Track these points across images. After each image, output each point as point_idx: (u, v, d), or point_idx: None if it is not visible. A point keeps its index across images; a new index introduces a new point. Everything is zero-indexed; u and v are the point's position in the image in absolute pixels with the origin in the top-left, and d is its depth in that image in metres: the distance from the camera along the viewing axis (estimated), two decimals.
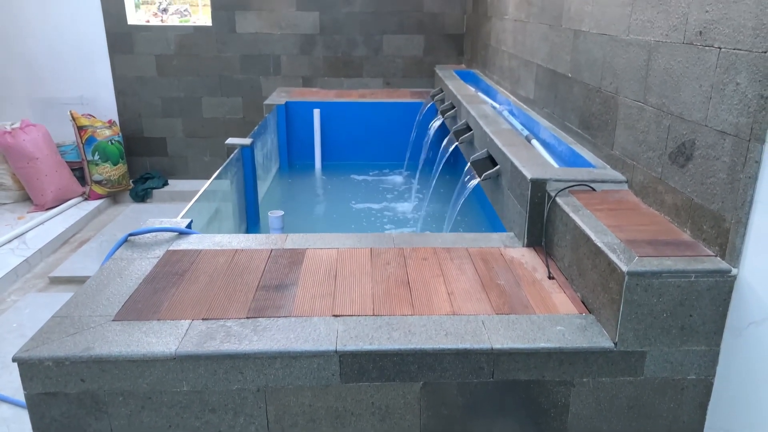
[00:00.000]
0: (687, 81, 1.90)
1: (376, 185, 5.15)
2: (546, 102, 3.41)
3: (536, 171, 2.43)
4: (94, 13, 5.74)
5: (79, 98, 6.00)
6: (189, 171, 6.36)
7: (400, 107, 5.61)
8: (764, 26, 1.53)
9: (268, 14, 5.84)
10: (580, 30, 2.84)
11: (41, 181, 5.46)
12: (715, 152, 1.75)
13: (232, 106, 6.13)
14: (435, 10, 5.94)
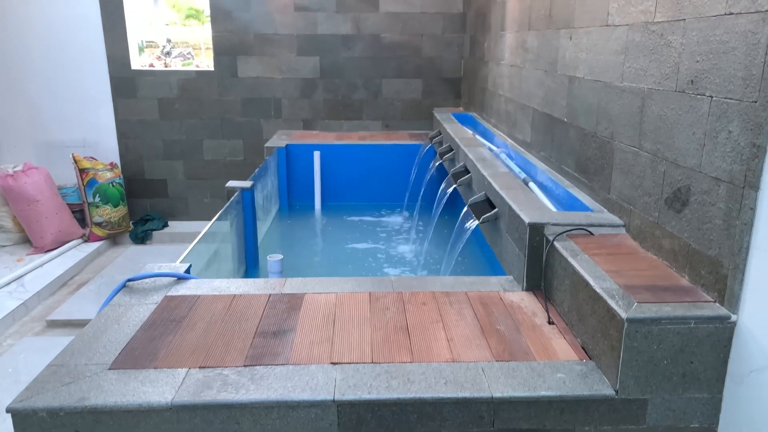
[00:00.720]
0: (681, 128, 1.93)
1: (375, 226, 5.16)
2: (543, 145, 3.45)
3: (534, 215, 2.44)
4: (98, 58, 5.86)
5: (82, 141, 6.07)
6: (189, 212, 6.38)
7: (399, 149, 5.67)
8: (753, 77, 1.56)
9: (269, 59, 5.96)
10: (575, 76, 2.89)
11: (41, 223, 5.47)
12: (710, 198, 1.77)
13: (233, 148, 6.20)
14: (433, 54, 6.07)
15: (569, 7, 2.95)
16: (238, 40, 5.89)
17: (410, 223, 5.16)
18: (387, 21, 5.92)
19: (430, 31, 5.99)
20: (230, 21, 5.84)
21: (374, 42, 5.97)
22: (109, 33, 5.80)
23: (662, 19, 2.04)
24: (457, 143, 4.38)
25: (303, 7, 5.84)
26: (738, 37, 1.63)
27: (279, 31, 5.89)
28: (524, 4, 3.76)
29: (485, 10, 4.93)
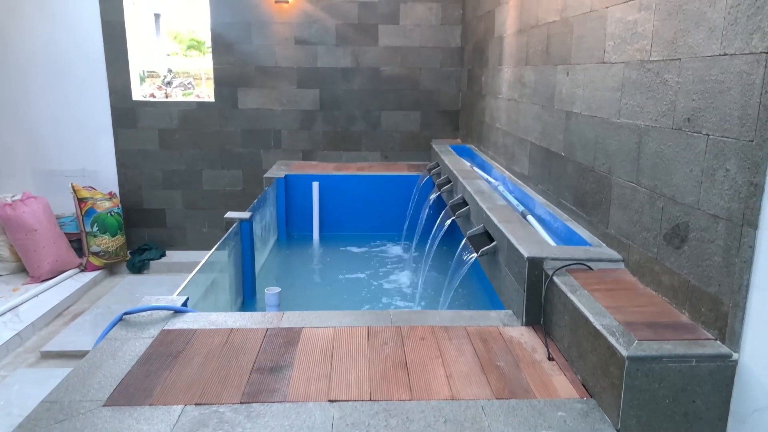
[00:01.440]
0: (678, 165, 1.95)
1: (373, 256, 5.15)
2: (540, 179, 3.47)
3: (533, 249, 2.44)
4: (100, 89, 5.92)
5: (81, 170, 6.09)
6: (187, 242, 6.37)
7: (398, 180, 5.70)
8: (749, 116, 1.58)
9: (269, 91, 6.02)
10: (572, 111, 2.93)
11: (38, 252, 5.45)
12: (709, 235, 1.77)
13: (232, 178, 6.22)
14: (431, 87, 6.14)
15: (566, 44, 3.00)
16: (238, 72, 5.96)
17: (408, 253, 5.15)
18: (386, 54, 6.01)
19: (428, 64, 6.07)
20: (231, 53, 5.91)
21: (373, 75, 6.05)
22: (112, 64, 5.87)
23: (658, 57, 2.08)
24: (455, 175, 4.40)
25: (303, 41, 5.93)
26: (733, 78, 1.65)
27: (279, 63, 5.96)
28: (521, 40, 3.82)
29: (483, 45, 5.01)
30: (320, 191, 5.60)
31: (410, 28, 5.96)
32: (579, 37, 2.83)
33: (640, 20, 2.20)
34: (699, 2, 1.82)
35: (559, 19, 3.09)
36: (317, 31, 5.91)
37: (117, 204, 5.98)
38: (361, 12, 5.89)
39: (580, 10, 2.80)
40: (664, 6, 2.03)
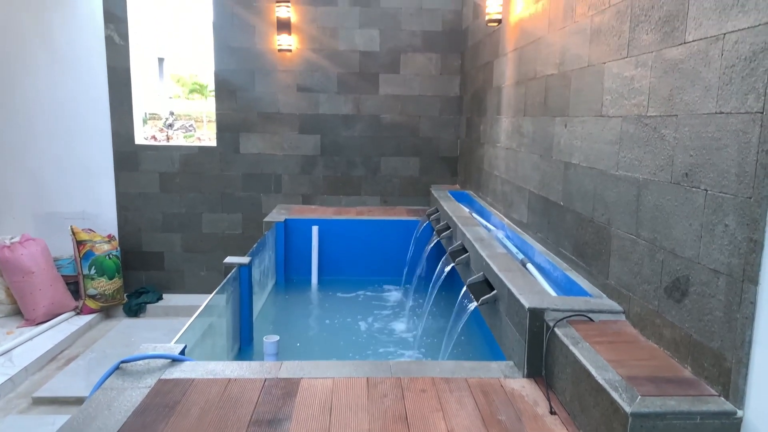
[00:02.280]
0: (677, 219, 1.97)
1: (372, 302, 5.12)
2: (539, 227, 3.48)
3: (534, 300, 2.44)
4: (103, 133, 5.99)
5: (81, 213, 6.11)
6: (185, 285, 6.34)
7: (397, 225, 5.72)
8: (747, 174, 1.61)
9: (271, 136, 6.10)
10: (571, 162, 2.96)
11: (34, 295, 5.42)
12: (710, 290, 1.77)
13: (232, 222, 6.23)
14: (430, 134, 6.23)
15: (564, 96, 3.06)
16: (241, 118, 6.05)
17: (408, 299, 5.12)
18: (386, 102, 6.11)
19: (427, 112, 6.17)
20: (234, 100, 6.02)
21: (374, 122, 6.14)
22: (116, 109, 5.96)
23: (655, 113, 2.12)
24: (454, 221, 4.42)
25: (306, 88, 6.04)
26: (730, 135, 1.69)
27: (282, 110, 6.06)
28: (519, 91, 3.90)
29: (481, 95, 5.11)
30: (320, 235, 5.61)
31: (410, 77, 6.09)
32: (577, 91, 2.89)
33: (637, 76, 2.26)
34: (694, 62, 1.87)
35: (557, 72, 3.16)
36: (319, 79, 6.03)
37: (116, 247, 5.98)
38: (362, 61, 6.03)
39: (578, 65, 2.87)
40: (660, 64, 2.08)
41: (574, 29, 2.91)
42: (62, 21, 5.81)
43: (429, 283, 4.49)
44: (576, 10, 2.89)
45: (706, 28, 1.81)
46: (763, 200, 1.55)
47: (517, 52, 3.97)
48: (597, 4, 2.64)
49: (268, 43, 5.93)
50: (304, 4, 5.90)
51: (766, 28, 1.55)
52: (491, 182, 4.78)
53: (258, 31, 5.92)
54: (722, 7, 1.73)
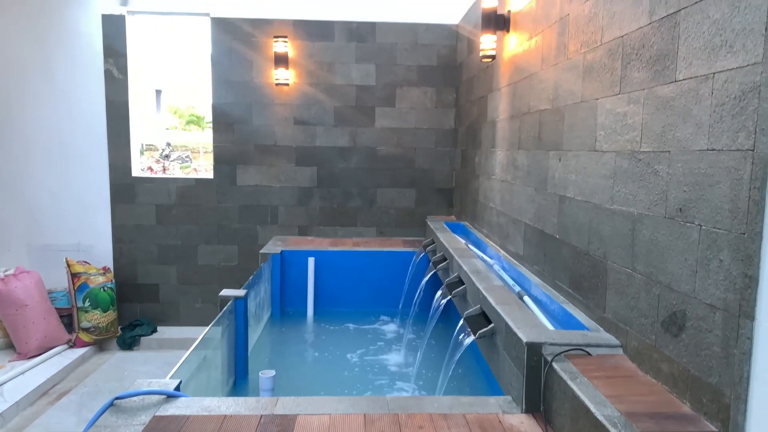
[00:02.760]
0: (672, 253, 1.98)
1: (369, 334, 5.09)
2: (536, 259, 3.49)
3: (531, 334, 2.43)
4: (101, 165, 6.01)
5: (77, 245, 6.09)
6: (180, 318, 6.29)
7: (393, 256, 5.72)
8: (740, 210, 1.63)
9: (268, 169, 6.13)
10: (566, 196, 2.99)
11: (27, 328, 5.36)
12: (706, 325, 1.78)
13: (228, 253, 6.22)
14: (426, 166, 6.28)
15: (558, 131, 3.11)
16: (238, 151, 6.09)
17: (405, 331, 5.10)
18: (382, 135, 6.18)
19: (423, 144, 6.23)
20: (232, 132, 6.07)
21: (370, 154, 6.19)
22: (114, 142, 5.99)
23: (648, 149, 2.15)
24: (450, 253, 4.43)
25: (303, 121, 6.10)
26: (722, 172, 1.72)
27: (279, 142, 6.11)
28: (514, 125, 3.96)
29: (476, 128, 5.17)
30: (316, 267, 5.61)
31: (406, 110, 6.17)
32: (570, 125, 2.93)
33: (630, 113, 2.30)
34: (685, 99, 1.91)
35: (551, 107, 3.22)
36: (316, 113, 6.10)
37: (110, 279, 5.94)
38: (359, 95, 6.11)
39: (571, 100, 2.92)
40: (652, 101, 2.13)
41: (567, 66, 2.97)
42: (63, 56, 5.88)
43: (426, 315, 4.48)
44: (568, 47, 2.95)
45: (696, 68, 1.86)
46: (757, 236, 1.57)
47: (511, 87, 4.03)
48: (589, 42, 2.70)
49: (265, 77, 6.01)
50: (301, 39, 6.00)
51: (754, 69, 1.59)
52: (487, 214, 4.80)
53: (256, 65, 6.00)
54: (711, 48, 1.78)
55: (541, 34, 3.37)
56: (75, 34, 5.86)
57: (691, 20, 1.89)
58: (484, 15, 4.12)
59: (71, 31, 5.86)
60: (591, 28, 2.68)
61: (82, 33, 5.86)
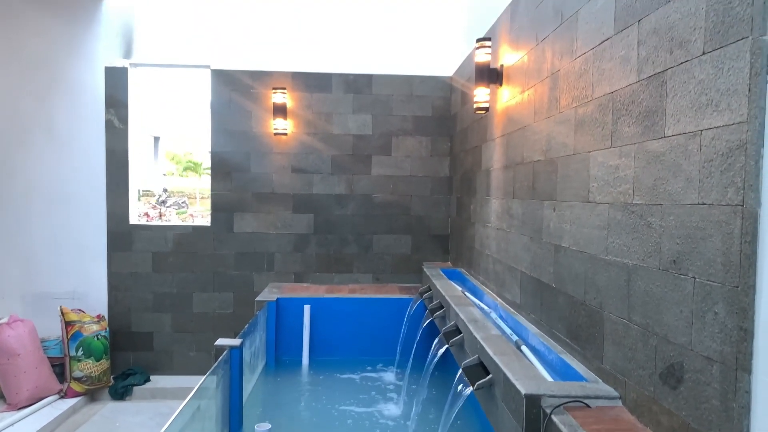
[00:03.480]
0: (668, 305, 2.00)
1: (365, 384, 5.03)
2: (532, 308, 3.50)
3: (530, 386, 2.43)
4: (98, 214, 6.04)
5: (72, 293, 6.06)
6: (173, 366, 6.21)
7: (390, 303, 5.71)
8: (732, 263, 1.66)
9: (265, 216, 6.18)
10: (561, 245, 3.03)
11: (18, 378, 5.28)
12: (704, 378, 1.79)
13: (223, 301, 6.20)
14: (421, 213, 6.34)
15: (551, 181, 3.17)
16: (236, 198, 6.15)
17: (401, 381, 5.04)
18: (378, 182, 6.26)
19: (418, 192, 6.31)
20: (230, 180, 6.13)
21: (366, 201, 6.26)
22: (112, 191, 6.04)
23: (640, 201, 2.20)
24: (447, 301, 4.43)
25: (300, 169, 6.18)
26: (713, 226, 1.76)
27: (276, 190, 6.17)
28: (508, 174, 4.03)
29: (471, 176, 5.25)
30: (311, 314, 5.58)
31: (401, 158, 6.27)
32: (564, 177, 3.00)
33: (621, 166, 2.36)
34: (675, 155, 1.97)
35: (544, 158, 3.29)
36: (314, 161, 6.19)
37: (105, 327, 5.89)
38: (355, 144, 6.21)
39: (564, 152, 2.99)
40: (643, 155, 2.19)
41: (559, 119, 3.05)
42: (66, 107, 5.99)
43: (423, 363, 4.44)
44: (560, 101, 3.04)
45: (684, 124, 1.92)
46: (750, 289, 1.60)
47: (504, 137, 4.12)
48: (580, 97, 2.79)
49: (264, 126, 6.12)
50: (300, 90, 6.14)
51: (739, 127, 1.65)
52: (483, 261, 4.83)
53: (255, 115, 6.12)
54: (698, 106, 1.85)
55: (534, 88, 3.48)
56: (78, 86, 5.99)
57: (678, 79, 1.96)
58: (477, 69, 4.24)
59: (75, 83, 5.98)
60: (581, 84, 2.77)
61: (85, 85, 5.98)
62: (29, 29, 5.93)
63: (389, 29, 6.19)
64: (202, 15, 6.06)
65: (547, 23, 3.26)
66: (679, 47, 1.95)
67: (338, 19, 6.17)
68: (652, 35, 2.14)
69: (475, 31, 4.97)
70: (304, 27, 6.15)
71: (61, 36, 5.96)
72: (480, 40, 4.20)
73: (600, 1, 2.59)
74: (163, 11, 6.03)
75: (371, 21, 6.18)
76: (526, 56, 3.64)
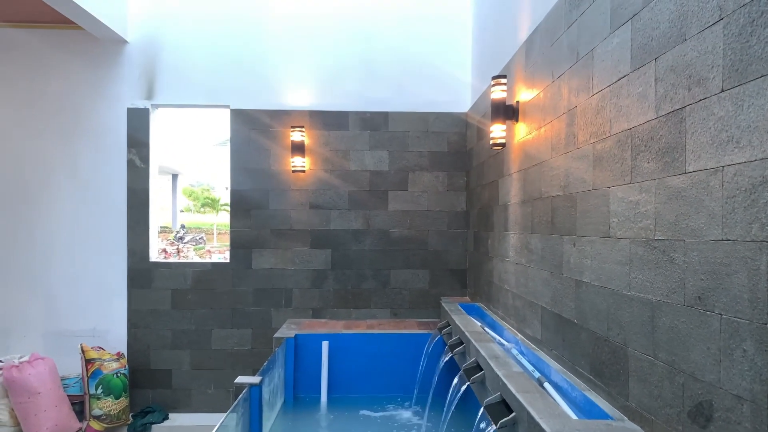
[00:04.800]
0: (694, 342, 1.98)
1: (384, 422, 4.97)
2: (554, 344, 3.47)
3: (555, 424, 2.39)
4: (119, 251, 6.12)
5: (92, 330, 6.11)
6: (192, 404, 6.19)
7: (408, 339, 5.67)
8: (759, 300, 1.65)
9: (283, 252, 6.22)
10: (582, 281, 3.01)
11: (39, 417, 5.29)
12: (735, 416, 1.76)
13: (241, 337, 6.20)
14: (439, 248, 6.34)
15: (570, 216, 3.17)
16: (255, 235, 6.21)
17: (421, 418, 4.97)
18: (395, 218, 6.29)
19: (435, 226, 6.33)
20: (249, 218, 6.20)
21: (383, 236, 6.28)
22: (132, 228, 6.13)
23: (662, 237, 2.20)
24: (467, 337, 4.39)
25: (317, 206, 6.24)
26: (738, 262, 1.75)
27: (294, 226, 6.23)
28: (526, 209, 4.04)
29: (488, 211, 5.26)
30: (330, 350, 5.56)
31: (418, 194, 6.31)
32: (583, 212, 3.00)
33: (642, 201, 2.37)
34: (696, 191, 1.98)
35: (563, 194, 3.30)
36: (331, 197, 6.25)
37: (124, 365, 5.91)
38: (372, 180, 6.27)
39: (582, 188, 3.00)
40: (664, 191, 2.19)
41: (577, 155, 3.08)
42: (88, 148, 6.14)
43: (443, 400, 4.39)
44: (578, 137, 3.07)
45: (705, 161, 1.93)
46: None
47: (521, 173, 4.14)
48: (598, 133, 2.82)
49: (282, 164, 6.21)
50: (317, 128, 6.24)
51: (762, 164, 1.66)
52: (502, 296, 4.80)
53: (273, 153, 6.22)
54: (718, 143, 1.86)
55: (550, 124, 3.51)
56: (101, 127, 6.14)
57: (697, 116, 1.98)
58: (493, 105, 4.30)
59: (98, 125, 6.14)
60: (599, 120, 2.80)
61: (108, 126, 6.14)
62: (53, 72, 6.13)
63: (405, 67, 6.30)
64: (222, 56, 6.22)
65: (563, 61, 3.31)
66: (698, 84, 1.98)
67: (354, 58, 6.30)
68: (669, 73, 2.17)
69: (490, 68, 5.05)
70: (320, 66, 6.28)
71: (84, 78, 6.15)
72: (496, 77, 4.27)
73: (615, 40, 2.63)
74: (184, 53, 6.20)
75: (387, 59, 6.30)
76: (542, 93, 3.69)
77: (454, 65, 6.33)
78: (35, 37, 6.13)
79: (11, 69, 6.13)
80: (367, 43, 6.31)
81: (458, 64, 6.32)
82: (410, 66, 6.31)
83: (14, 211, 6.13)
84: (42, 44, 6.12)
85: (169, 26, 6.21)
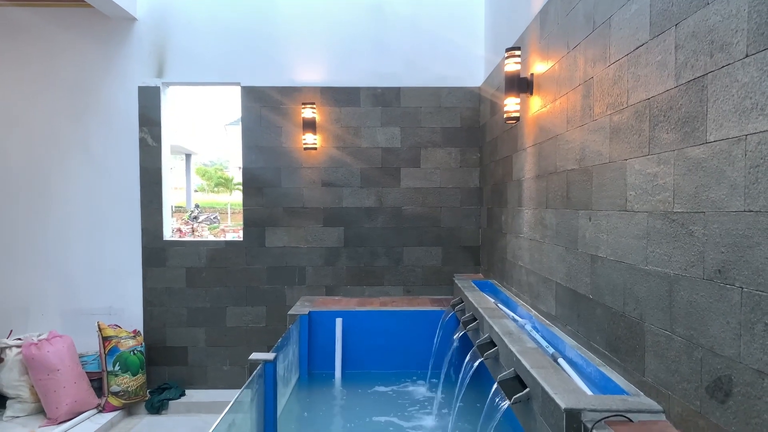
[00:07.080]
0: (713, 316, 1.94)
1: (398, 398, 5.00)
2: (569, 320, 3.43)
3: (569, 399, 2.37)
4: (133, 230, 6.16)
5: (108, 309, 6.17)
6: (207, 381, 6.26)
7: (421, 315, 5.67)
8: None
9: (296, 230, 6.22)
10: (597, 255, 2.97)
11: (58, 393, 5.38)
12: (755, 391, 1.72)
13: (256, 315, 6.24)
14: (452, 225, 6.30)
15: (586, 190, 3.12)
16: (267, 214, 6.20)
17: (434, 393, 4.99)
18: (408, 195, 6.25)
19: (448, 203, 6.28)
20: (261, 196, 6.19)
21: (396, 214, 6.25)
22: (146, 207, 6.15)
23: (681, 209, 2.15)
24: (480, 314, 4.37)
25: (330, 183, 6.21)
26: (761, 233, 1.70)
27: (307, 204, 6.21)
28: (541, 184, 3.97)
29: (501, 187, 5.20)
30: (343, 327, 5.58)
31: (431, 170, 6.25)
32: (599, 185, 2.94)
33: (660, 173, 2.31)
34: (717, 161, 1.92)
35: (578, 167, 3.24)
36: (343, 175, 6.22)
37: (140, 342, 5.98)
38: (384, 157, 6.22)
39: (599, 161, 2.94)
40: (683, 162, 2.13)
41: (593, 127, 3.01)
42: (100, 127, 6.14)
43: (456, 376, 4.40)
44: (594, 109, 3.00)
45: (727, 129, 1.87)
46: None
47: (536, 147, 4.08)
48: (615, 104, 2.74)
49: (294, 141, 6.18)
50: (328, 105, 6.18)
51: None
52: (515, 272, 4.76)
53: (284, 130, 6.18)
54: (741, 110, 1.80)
55: (566, 96, 3.43)
56: (113, 106, 6.13)
57: (719, 83, 1.91)
58: (507, 78, 4.21)
59: (109, 104, 6.13)
60: (616, 91, 2.73)
61: (119, 105, 6.13)
62: (63, 52, 6.11)
63: (417, 42, 6.20)
64: (232, 32, 6.16)
65: (579, 31, 3.22)
66: (720, 50, 1.90)
67: (365, 32, 6.21)
68: (690, 39, 2.09)
69: (503, 41, 4.95)
70: (331, 41, 6.20)
71: (94, 57, 6.12)
72: (509, 49, 4.18)
73: (633, 7, 2.55)
74: (194, 30, 6.15)
75: (398, 33, 6.20)
76: (557, 64, 3.60)
77: (467, 38, 6.22)
78: (44, 16, 6.10)
79: (22, 50, 6.12)
80: (379, 16, 6.21)
81: (471, 37, 6.21)
82: (422, 40, 6.21)
83: (30, 191, 6.17)
84: (51, 24, 6.10)
85: (177, 2, 6.15)
